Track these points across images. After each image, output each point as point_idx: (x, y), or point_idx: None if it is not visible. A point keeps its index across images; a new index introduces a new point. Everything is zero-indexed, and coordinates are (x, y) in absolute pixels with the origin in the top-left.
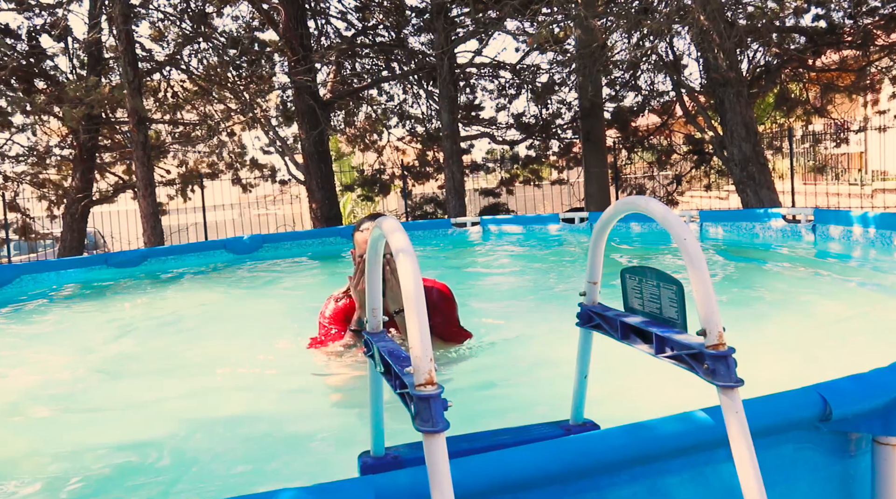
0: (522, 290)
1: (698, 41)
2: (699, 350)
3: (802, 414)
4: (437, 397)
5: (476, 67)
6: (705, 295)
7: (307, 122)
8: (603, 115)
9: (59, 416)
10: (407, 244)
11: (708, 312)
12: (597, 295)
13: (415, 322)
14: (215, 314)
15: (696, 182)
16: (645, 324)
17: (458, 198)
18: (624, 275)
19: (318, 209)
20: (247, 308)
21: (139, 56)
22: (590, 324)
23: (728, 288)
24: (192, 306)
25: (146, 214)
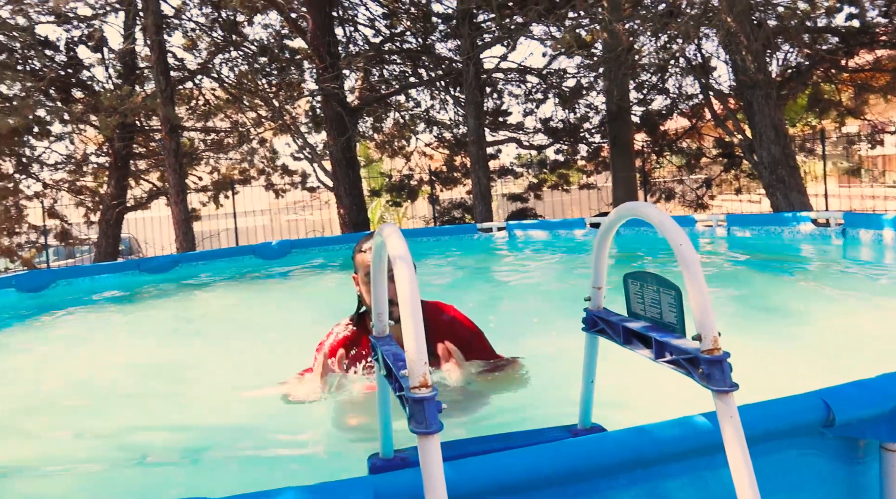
0: (547, 295)
1: (726, 43)
2: (695, 355)
3: (805, 419)
4: (430, 399)
5: (503, 72)
6: (700, 300)
7: (335, 129)
8: (631, 119)
9: (80, 416)
10: (404, 250)
11: (703, 317)
12: (601, 300)
13: (410, 326)
14: (240, 319)
15: (726, 185)
16: (646, 329)
17: (484, 203)
18: (626, 280)
19: (346, 215)
20: (271, 314)
21: (172, 65)
22: (595, 329)
23: (749, 293)
24: (218, 311)
25: (178, 220)
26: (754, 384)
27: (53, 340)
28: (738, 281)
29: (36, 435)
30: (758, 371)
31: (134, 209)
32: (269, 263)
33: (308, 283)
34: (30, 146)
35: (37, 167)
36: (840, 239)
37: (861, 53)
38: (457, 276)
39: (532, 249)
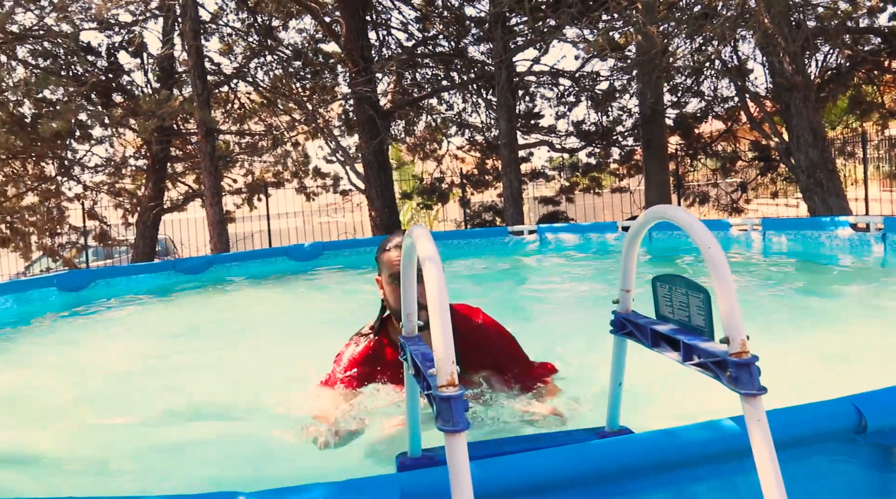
0: (578, 299)
1: (763, 45)
2: (723, 358)
3: (836, 425)
4: (458, 398)
5: (535, 75)
6: (728, 303)
7: (368, 132)
8: (664, 122)
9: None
10: (433, 252)
11: (731, 321)
12: (630, 303)
13: (438, 325)
14: (271, 320)
15: (762, 189)
16: (674, 332)
17: (515, 206)
18: (655, 283)
19: (377, 217)
20: (302, 315)
21: (208, 70)
22: (623, 331)
23: (784, 298)
24: (251, 312)
25: (213, 222)
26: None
27: (90, 338)
28: (773, 286)
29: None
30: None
31: (170, 211)
32: (301, 265)
33: (339, 284)
34: (71, 149)
35: (78, 170)
36: (880, 244)
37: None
38: (487, 279)
39: (563, 252)
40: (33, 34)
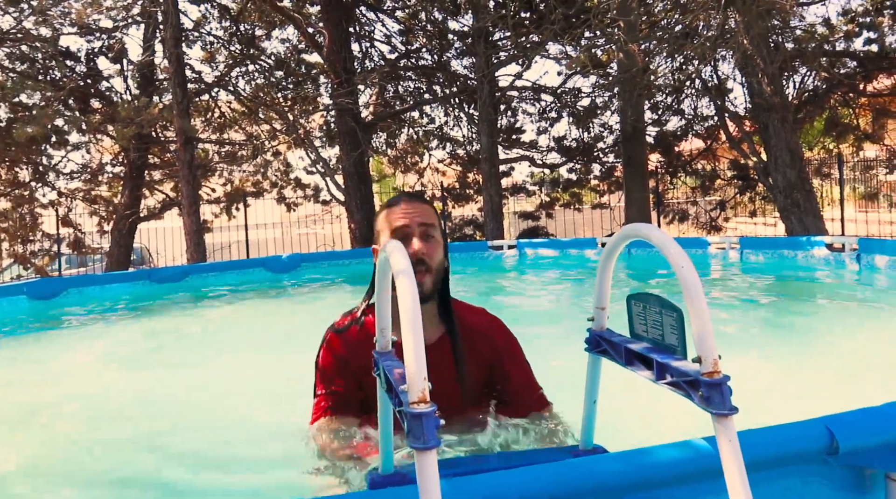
0: (556, 315)
1: (742, 65)
2: (695, 377)
3: (807, 446)
4: (429, 414)
5: (517, 90)
6: (701, 323)
7: (348, 144)
8: (645, 140)
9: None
10: (407, 265)
11: (703, 340)
12: (604, 321)
13: (410, 340)
14: (247, 332)
15: (741, 208)
16: (647, 350)
17: (496, 221)
18: (630, 301)
19: (356, 230)
20: (278, 328)
21: (189, 77)
22: (597, 349)
23: (760, 316)
24: (226, 324)
25: (190, 231)
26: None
27: (59, 349)
28: (749, 304)
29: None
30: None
31: (147, 219)
32: (278, 277)
33: (317, 297)
34: (47, 155)
35: (53, 176)
36: (855, 264)
37: (879, 78)
38: (466, 293)
39: (542, 267)
40: (11, 37)
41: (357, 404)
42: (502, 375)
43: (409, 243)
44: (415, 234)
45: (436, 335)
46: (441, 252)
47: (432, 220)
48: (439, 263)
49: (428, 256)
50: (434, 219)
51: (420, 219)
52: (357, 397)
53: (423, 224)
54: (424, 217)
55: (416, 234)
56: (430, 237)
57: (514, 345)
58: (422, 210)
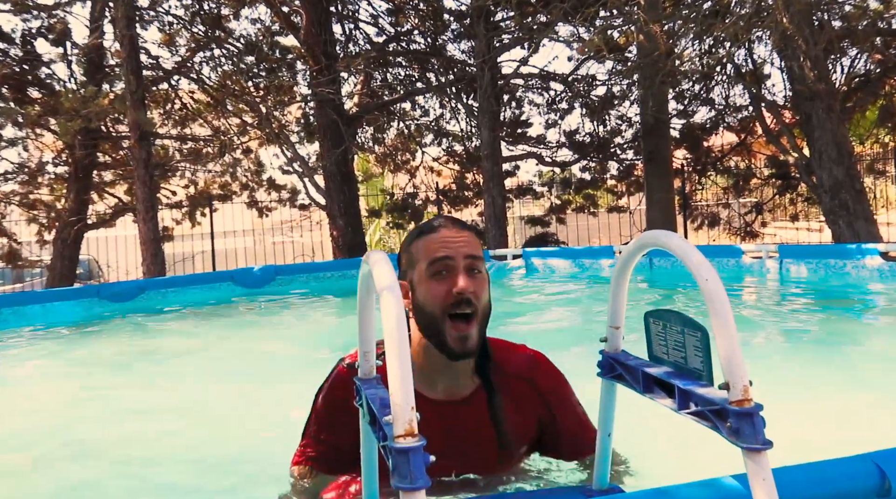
0: (568, 335)
1: (781, 47)
2: (722, 406)
3: (854, 486)
4: (417, 450)
5: (522, 78)
6: (728, 344)
7: (330, 140)
8: (669, 133)
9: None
10: (392, 280)
11: (731, 364)
12: (619, 342)
13: (396, 365)
14: (214, 358)
15: (780, 211)
16: (668, 375)
17: (498, 227)
18: (647, 319)
19: (339, 237)
20: (251, 353)
21: (144, 64)
22: (611, 374)
23: (800, 337)
24: (189, 348)
25: (147, 241)
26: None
27: None
28: (789, 323)
29: None
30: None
31: (96, 227)
32: (249, 292)
33: (295, 316)
34: None
35: None
36: None
37: None
38: None
39: (552, 280)
40: None
41: (352, 461)
42: (552, 423)
43: (452, 280)
44: (460, 268)
45: (469, 389)
46: (488, 291)
47: (479, 251)
48: (486, 304)
49: (476, 297)
50: (480, 250)
51: (467, 250)
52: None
53: (469, 256)
54: (471, 248)
55: (462, 268)
56: (478, 272)
57: (562, 385)
58: (468, 239)
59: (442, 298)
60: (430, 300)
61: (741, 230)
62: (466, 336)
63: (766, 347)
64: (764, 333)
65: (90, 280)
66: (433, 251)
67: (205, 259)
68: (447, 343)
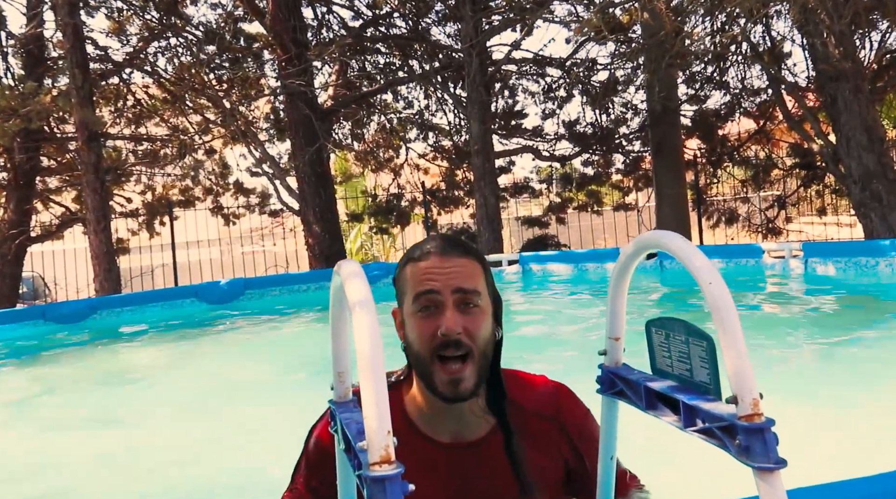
0: (570, 348)
1: (802, 23)
2: (730, 422)
3: None
4: (394, 478)
5: (515, 64)
6: (735, 353)
7: (302, 137)
8: (679, 121)
9: None
10: (365, 294)
11: (739, 375)
12: (620, 354)
13: (370, 387)
14: (177, 384)
15: (806, 205)
16: (672, 390)
17: (492, 229)
18: (649, 328)
19: (315, 246)
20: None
21: (91, 55)
22: (612, 390)
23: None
24: (149, 373)
25: (99, 254)
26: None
27: None
28: (814, 329)
29: None
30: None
31: (40, 240)
32: (216, 309)
33: (266, 334)
34: None
35: None
36: None
37: None
38: None
39: (553, 288)
40: None
41: None
42: (579, 465)
43: (440, 317)
44: (447, 304)
45: (482, 430)
46: (488, 325)
47: (475, 281)
48: (485, 341)
49: (468, 336)
50: (478, 279)
51: (457, 282)
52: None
53: (459, 290)
54: (463, 279)
55: (450, 304)
56: (472, 307)
57: (590, 423)
58: (459, 268)
59: (429, 338)
60: (416, 339)
61: (762, 227)
62: (458, 380)
63: (788, 356)
64: (786, 340)
65: (35, 300)
66: (418, 283)
67: (166, 273)
68: (436, 387)
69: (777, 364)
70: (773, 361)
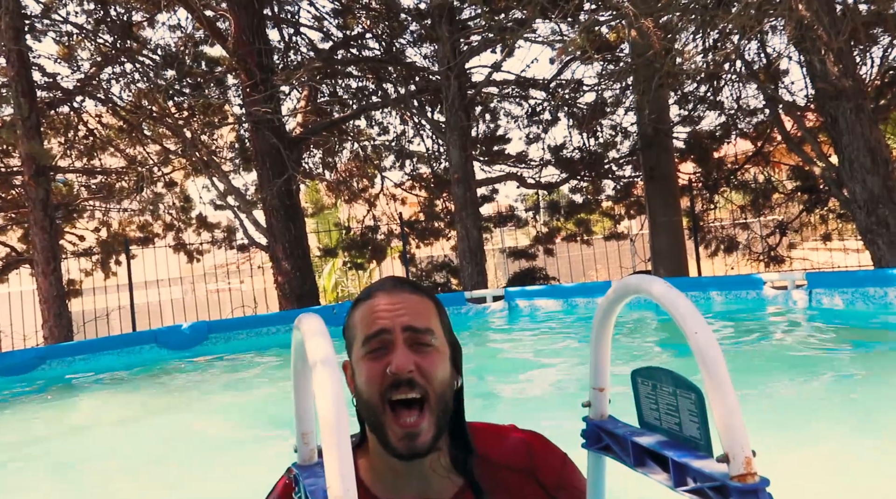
0: (560, 392)
1: (798, 39)
2: (722, 482)
3: None
4: None
5: (496, 86)
6: (725, 408)
7: (269, 168)
8: (672, 144)
9: None
10: (328, 353)
11: (729, 431)
12: (605, 406)
13: (334, 455)
14: (135, 441)
15: (809, 231)
16: (661, 446)
17: (475, 263)
18: (635, 378)
19: (285, 284)
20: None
21: (38, 83)
22: (598, 445)
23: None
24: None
25: (48, 298)
26: None
27: None
28: (819, 370)
29: None
30: None
31: None
32: (177, 355)
33: (232, 382)
34: None
35: None
36: None
37: None
38: None
39: (540, 325)
40: None
41: None
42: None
43: (389, 356)
44: (397, 342)
45: (448, 492)
46: (445, 368)
47: (427, 319)
48: (442, 384)
49: (423, 375)
50: (430, 317)
51: (406, 319)
52: None
53: (410, 328)
54: (413, 317)
55: (400, 342)
56: (425, 346)
57: (569, 472)
58: (411, 305)
59: (378, 379)
60: (366, 385)
61: (764, 255)
62: (414, 433)
63: (791, 400)
64: (788, 380)
65: None
66: (366, 325)
67: (122, 316)
68: (389, 441)
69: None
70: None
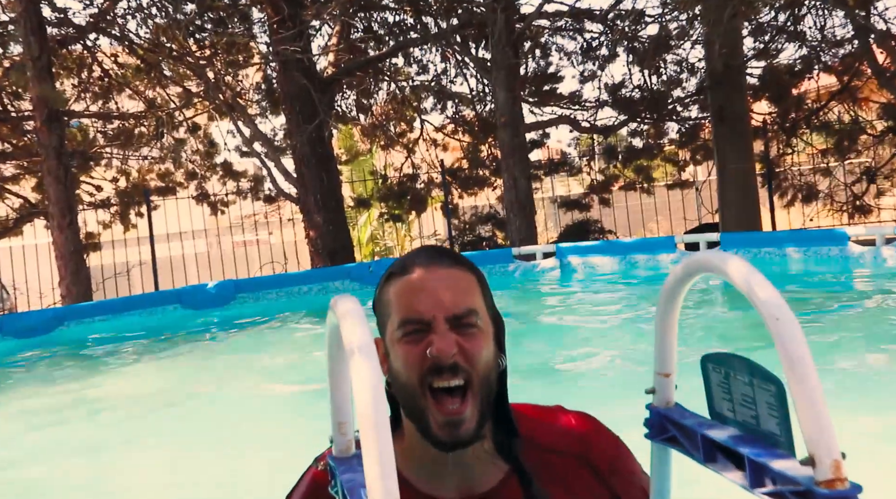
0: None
1: None
2: (807, 487)
3: None
4: None
5: (548, 19)
6: (810, 405)
7: (299, 111)
8: (745, 82)
9: None
10: (365, 338)
11: (817, 432)
12: (671, 393)
13: (373, 451)
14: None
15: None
16: (735, 441)
17: (523, 215)
18: (706, 365)
19: (317, 238)
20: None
21: (49, 19)
22: (663, 436)
23: None
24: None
25: (64, 253)
26: None
27: None
28: None
29: None
30: None
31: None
32: (203, 315)
33: (262, 346)
34: None
35: None
36: None
37: None
38: None
39: (596, 285)
40: None
41: None
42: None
43: (429, 336)
44: (439, 326)
45: (493, 479)
46: (490, 349)
47: (470, 297)
48: (487, 368)
49: (467, 359)
50: (474, 294)
51: (449, 296)
52: None
53: (454, 315)
54: (456, 296)
55: (442, 322)
56: (469, 327)
57: (622, 455)
58: (448, 281)
59: (418, 363)
60: (404, 368)
61: (848, 205)
62: (458, 421)
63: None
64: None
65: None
66: (403, 307)
67: (144, 273)
68: (431, 430)
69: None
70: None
